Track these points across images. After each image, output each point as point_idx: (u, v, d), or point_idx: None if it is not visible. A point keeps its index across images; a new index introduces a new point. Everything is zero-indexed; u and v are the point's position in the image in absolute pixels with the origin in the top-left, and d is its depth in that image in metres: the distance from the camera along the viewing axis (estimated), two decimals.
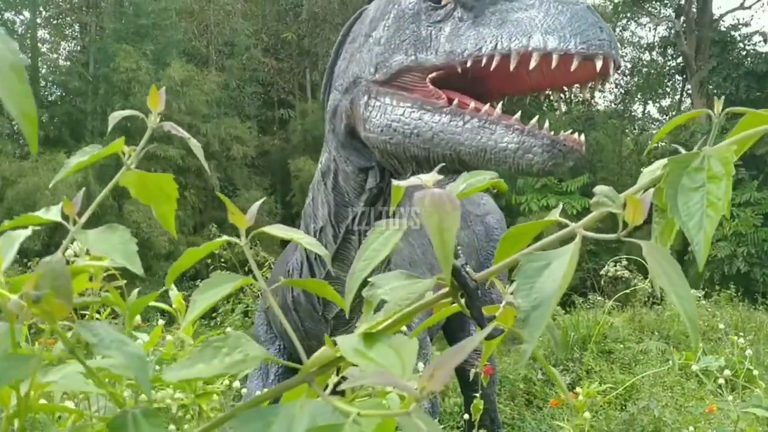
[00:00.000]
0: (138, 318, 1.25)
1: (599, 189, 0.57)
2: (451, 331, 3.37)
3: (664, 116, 14.01)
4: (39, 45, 11.26)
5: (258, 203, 0.67)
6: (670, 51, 13.83)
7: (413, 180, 0.56)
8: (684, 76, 13.40)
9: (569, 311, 6.57)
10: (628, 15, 13.61)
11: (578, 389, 2.11)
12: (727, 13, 15.93)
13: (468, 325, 3.30)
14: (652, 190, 0.57)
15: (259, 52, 12.21)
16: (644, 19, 13.72)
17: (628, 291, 7.22)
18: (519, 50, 1.35)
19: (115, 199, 9.20)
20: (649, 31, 14.06)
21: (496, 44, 1.39)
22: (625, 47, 14.24)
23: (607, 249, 10.64)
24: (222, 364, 0.49)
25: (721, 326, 4.33)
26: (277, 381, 2.36)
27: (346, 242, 1.84)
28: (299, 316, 2.11)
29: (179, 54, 10.90)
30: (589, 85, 1.46)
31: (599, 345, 5.93)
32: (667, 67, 14.32)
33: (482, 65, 1.42)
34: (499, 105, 1.44)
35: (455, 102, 1.49)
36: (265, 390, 0.56)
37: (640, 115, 13.74)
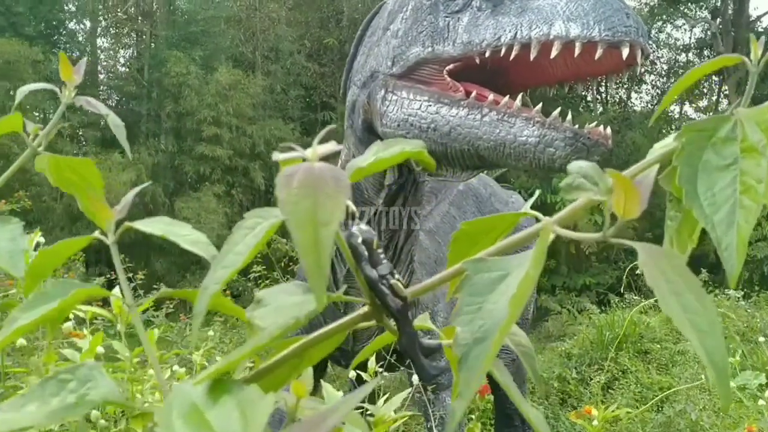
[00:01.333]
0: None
1: (575, 165, 0.42)
2: None
3: (701, 115, 13.79)
4: (98, 52, 11.77)
5: (133, 191, 0.55)
6: (706, 52, 13.61)
7: (294, 154, 0.39)
8: (721, 77, 13.18)
9: (605, 310, 6.57)
10: (664, 17, 13.39)
11: (594, 411, 1.97)
12: (765, 14, 15.60)
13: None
14: (653, 167, 0.43)
15: (302, 58, 12.46)
16: (680, 21, 13.50)
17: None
18: (539, 39, 1.27)
19: (167, 196, 9.58)
20: (685, 32, 13.83)
21: (516, 33, 1.31)
22: (661, 49, 14.02)
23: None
24: (55, 407, 0.37)
25: (761, 339, 4.15)
26: None
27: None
28: (323, 317, 1.96)
29: (227, 59, 11.22)
30: (616, 75, 1.37)
31: (635, 345, 5.82)
32: None
33: (501, 56, 1.35)
34: (519, 97, 1.37)
35: (473, 94, 1.42)
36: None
37: (677, 116, 13.52)
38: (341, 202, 0.35)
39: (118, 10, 11.65)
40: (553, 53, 1.27)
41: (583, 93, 12.14)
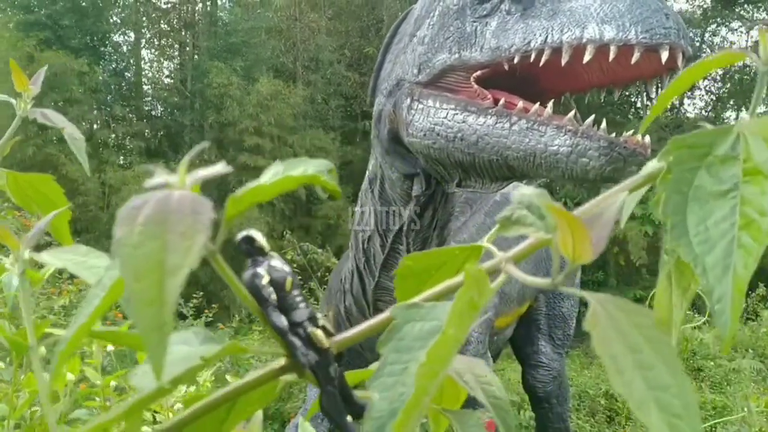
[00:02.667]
0: None
1: (518, 194, 0.35)
2: (519, 345, 3.22)
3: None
4: (142, 64, 12.02)
5: (46, 219, 0.49)
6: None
7: (158, 180, 0.32)
8: None
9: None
10: (719, 20, 13.01)
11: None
12: None
13: (536, 339, 3.13)
14: (626, 198, 0.35)
15: (342, 67, 12.49)
16: (735, 23, 13.09)
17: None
18: (571, 42, 1.20)
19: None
20: (741, 35, 13.41)
21: (546, 37, 1.24)
22: (715, 53, 13.63)
23: None
24: None
25: None
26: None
27: (393, 252, 1.75)
28: (360, 344, 1.97)
29: (267, 70, 11.32)
30: (656, 80, 1.29)
31: (688, 362, 5.69)
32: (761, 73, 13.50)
33: (531, 61, 1.28)
34: (550, 104, 1.30)
35: (501, 102, 1.36)
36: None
37: (733, 123, 13.06)
38: (197, 243, 0.28)
39: (162, 21, 11.87)
40: (586, 58, 1.19)
41: (633, 99, 11.86)
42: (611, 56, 1.17)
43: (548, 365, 3.18)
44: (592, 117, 1.24)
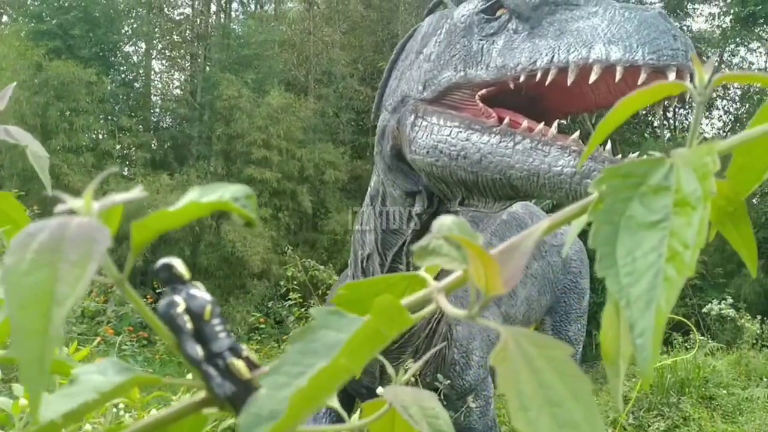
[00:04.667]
0: None
1: (438, 223, 0.34)
2: None
3: None
4: (152, 75, 12.07)
5: None
6: None
7: (65, 206, 0.31)
8: None
9: (667, 351, 6.18)
10: (737, 40, 12.86)
11: None
12: None
13: None
14: (536, 233, 0.33)
15: (355, 81, 12.49)
16: (755, 44, 12.93)
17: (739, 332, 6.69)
18: (578, 62, 1.20)
19: (214, 218, 9.60)
20: (760, 56, 13.24)
21: (553, 57, 1.24)
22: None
23: (714, 284, 9.99)
24: None
25: None
26: (328, 416, 2.29)
27: (393, 271, 1.73)
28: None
29: (279, 82, 11.32)
30: (663, 102, 1.28)
31: (699, 390, 5.52)
32: None
33: (537, 80, 1.28)
34: (555, 124, 1.30)
35: (506, 121, 1.36)
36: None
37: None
38: (88, 272, 0.27)
39: (174, 32, 11.91)
40: (592, 78, 1.19)
41: (650, 118, 11.71)
42: (617, 77, 1.17)
43: None
44: (575, 135, 1.26)
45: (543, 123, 1.31)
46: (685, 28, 13.02)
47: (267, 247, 9.00)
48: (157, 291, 6.75)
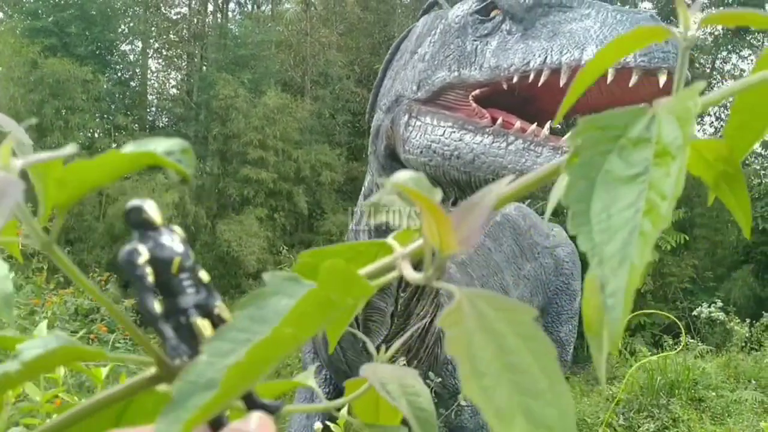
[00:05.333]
0: None
1: (398, 176, 0.32)
2: None
3: None
4: (148, 74, 12.06)
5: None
6: None
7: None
8: None
9: (657, 353, 6.23)
10: (729, 47, 12.97)
11: None
12: None
13: None
14: (498, 189, 0.32)
15: (351, 83, 12.50)
16: (746, 52, 13.04)
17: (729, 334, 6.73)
18: (570, 64, 1.22)
19: (210, 218, 9.61)
20: (751, 63, 13.36)
21: (546, 58, 1.26)
22: (726, 80, 13.56)
23: (705, 288, 10.06)
24: None
25: None
26: (321, 416, 2.26)
27: None
28: (341, 347, 2.01)
29: (275, 83, 11.33)
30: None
31: (689, 392, 5.57)
32: None
33: (530, 81, 1.30)
34: (547, 125, 1.31)
35: (499, 121, 1.37)
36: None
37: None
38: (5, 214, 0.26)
39: (171, 32, 11.92)
40: None
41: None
42: (609, 78, 1.18)
43: None
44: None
45: (536, 124, 1.33)
46: (678, 34, 13.14)
47: (262, 248, 9.01)
48: None
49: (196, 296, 0.35)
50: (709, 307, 7.16)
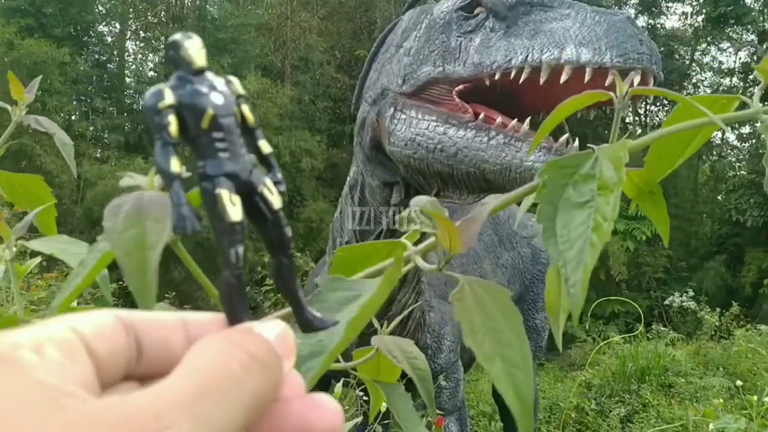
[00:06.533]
0: None
1: (416, 200, 0.43)
2: None
3: (743, 143, 13.38)
4: (126, 56, 11.90)
5: (33, 213, 0.57)
6: (751, 77, 13.29)
7: (132, 181, 0.42)
8: (765, 103, 12.80)
9: (630, 341, 6.37)
10: (709, 39, 13.14)
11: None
12: None
13: None
14: (490, 205, 0.43)
15: (332, 69, 12.46)
16: (725, 44, 13.22)
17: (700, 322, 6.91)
18: (550, 63, 1.26)
19: None
20: (730, 56, 13.53)
21: (527, 56, 1.30)
22: (704, 72, 13.76)
23: (678, 278, 10.27)
24: None
25: None
26: None
27: None
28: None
29: (255, 68, 11.25)
30: (629, 102, 1.36)
31: (659, 378, 5.71)
32: (747, 93, 13.58)
33: (511, 78, 1.34)
34: (527, 121, 1.36)
35: (481, 116, 1.41)
36: None
37: (718, 142, 13.16)
38: (168, 225, 0.36)
39: (149, 14, 11.75)
40: (563, 78, 1.25)
41: (624, 115, 11.89)
42: (587, 78, 1.22)
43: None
44: (566, 135, 1.31)
45: (516, 119, 1.36)
46: (658, 25, 13.26)
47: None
48: None
49: (232, 163, 0.30)
50: (681, 296, 7.32)
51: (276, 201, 0.32)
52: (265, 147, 0.33)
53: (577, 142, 1.32)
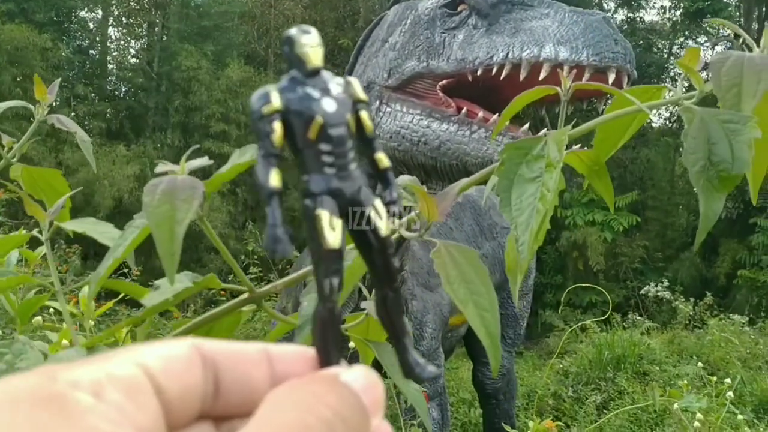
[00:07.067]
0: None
1: (402, 179, 0.50)
2: (471, 343, 3.34)
3: None
4: (108, 43, 11.76)
5: (65, 197, 0.63)
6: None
7: (168, 167, 0.47)
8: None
9: (606, 329, 6.51)
10: (686, 33, 13.30)
11: (530, 423, 1.96)
12: None
13: None
14: (461, 182, 0.51)
15: None
16: (702, 38, 13.39)
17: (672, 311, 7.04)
18: (530, 60, 1.32)
19: None
20: (707, 49, 13.73)
21: (508, 53, 1.35)
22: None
23: (654, 268, 10.43)
24: None
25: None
26: None
27: None
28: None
29: (238, 56, 11.18)
30: (604, 99, 1.40)
31: (634, 366, 5.83)
32: None
33: (493, 74, 1.39)
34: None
35: (464, 111, 1.45)
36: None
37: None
38: (194, 205, 0.42)
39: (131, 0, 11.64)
40: (542, 75, 1.30)
41: (603, 108, 12.01)
42: (564, 75, 1.23)
43: (501, 366, 3.27)
44: (545, 130, 1.32)
45: (497, 114, 1.41)
46: (638, 19, 13.39)
47: (224, 222, 8.99)
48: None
49: (339, 180, 0.27)
50: (656, 286, 7.46)
51: (384, 227, 0.28)
52: (382, 161, 0.30)
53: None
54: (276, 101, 0.26)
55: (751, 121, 0.43)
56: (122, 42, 12.23)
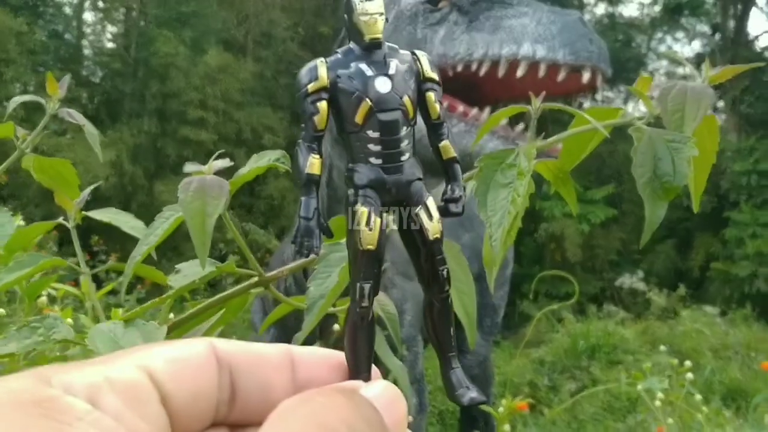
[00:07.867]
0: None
1: None
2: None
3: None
4: (84, 27, 11.56)
5: (89, 189, 0.66)
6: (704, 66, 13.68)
7: (196, 167, 0.52)
8: (718, 93, 13.21)
9: (581, 319, 6.60)
10: (665, 29, 13.44)
11: (503, 401, 1.99)
12: (763, 33, 15.70)
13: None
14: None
15: (295, 45, 12.34)
16: (680, 34, 13.54)
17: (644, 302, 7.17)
18: (508, 57, 1.36)
19: (147, 179, 9.44)
20: (684, 45, 13.90)
21: (487, 50, 1.39)
22: (660, 60, 14.09)
23: (631, 260, 10.58)
24: (30, 342, 0.51)
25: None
26: None
27: None
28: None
29: (217, 42, 11.08)
30: (579, 96, 1.46)
31: (608, 355, 5.93)
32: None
33: (473, 70, 1.44)
34: (487, 110, 1.45)
35: (444, 105, 1.46)
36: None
37: None
38: (221, 201, 0.48)
39: None
40: (519, 72, 1.35)
41: (587, 104, 12.12)
42: (541, 73, 1.34)
43: (475, 351, 3.31)
44: (522, 124, 1.39)
45: (477, 108, 1.47)
46: (617, 14, 13.51)
47: None
48: (94, 250, 6.66)
49: (386, 172, 0.24)
50: (631, 278, 7.58)
51: (433, 229, 0.25)
52: (449, 150, 0.27)
53: (521, 126, 1.42)
54: (323, 78, 0.24)
55: (690, 141, 0.49)
56: (98, 27, 12.04)
